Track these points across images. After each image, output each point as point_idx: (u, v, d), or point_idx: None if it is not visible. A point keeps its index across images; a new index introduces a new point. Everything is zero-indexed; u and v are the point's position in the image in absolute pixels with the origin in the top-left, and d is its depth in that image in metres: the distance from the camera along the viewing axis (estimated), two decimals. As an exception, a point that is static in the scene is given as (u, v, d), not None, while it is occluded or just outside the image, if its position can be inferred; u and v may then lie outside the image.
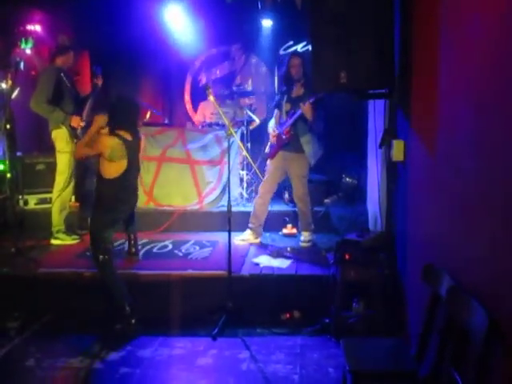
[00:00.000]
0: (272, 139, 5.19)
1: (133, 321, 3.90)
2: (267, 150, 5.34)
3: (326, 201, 6.05)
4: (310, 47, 6.90)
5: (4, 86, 6.06)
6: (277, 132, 5.12)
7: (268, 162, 5.29)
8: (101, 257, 3.88)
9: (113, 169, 3.91)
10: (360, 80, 3.47)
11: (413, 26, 3.42)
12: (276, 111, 5.32)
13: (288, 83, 5.11)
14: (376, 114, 4.19)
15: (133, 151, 4.04)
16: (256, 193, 5.37)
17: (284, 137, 5.03)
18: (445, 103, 2.74)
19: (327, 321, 3.91)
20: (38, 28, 6.63)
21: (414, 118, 3.41)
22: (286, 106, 5.11)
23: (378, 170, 4.31)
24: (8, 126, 5.06)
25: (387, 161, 3.98)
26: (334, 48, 3.50)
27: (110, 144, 3.87)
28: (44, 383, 3.39)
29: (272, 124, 5.30)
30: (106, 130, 4.04)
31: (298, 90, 5.08)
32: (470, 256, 2.28)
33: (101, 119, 4.06)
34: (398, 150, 3.66)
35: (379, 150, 4.22)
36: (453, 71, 2.61)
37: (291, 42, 7.25)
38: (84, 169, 5.52)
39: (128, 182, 4.05)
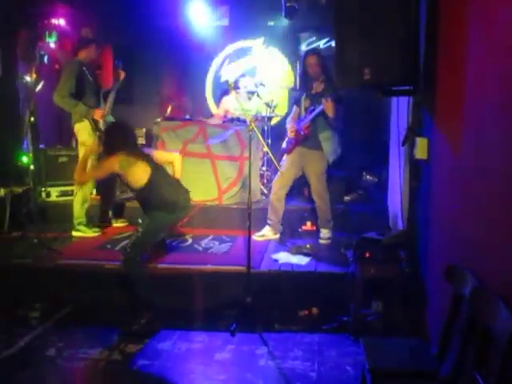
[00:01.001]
0: (290, 133, 5.15)
1: (152, 320, 3.90)
2: (284, 145, 5.31)
3: (346, 198, 6.02)
4: (332, 43, 6.93)
5: (28, 79, 6.16)
6: (295, 127, 5.10)
7: (284, 157, 5.26)
8: (136, 257, 3.92)
9: (137, 176, 3.96)
10: (384, 76, 3.42)
11: (439, 22, 3.37)
12: (295, 108, 5.29)
13: (306, 81, 5.08)
14: (399, 111, 4.15)
15: (143, 156, 4.06)
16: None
17: (303, 133, 5.00)
18: (471, 101, 2.70)
19: (345, 319, 3.89)
20: (61, 22, 6.71)
21: (438, 116, 3.36)
22: (305, 103, 5.09)
23: (400, 167, 4.27)
24: (32, 119, 5.14)
25: (410, 159, 3.94)
26: (357, 44, 3.46)
27: (115, 160, 3.92)
28: (64, 373, 3.44)
29: (289, 121, 5.27)
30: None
31: (317, 87, 5.05)
32: (494, 257, 2.25)
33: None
34: (421, 147, 3.61)
35: (402, 147, 4.18)
36: (480, 68, 2.57)
37: (314, 38, 7.21)
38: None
39: (164, 183, 4.08)
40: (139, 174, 3.96)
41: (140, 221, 4.07)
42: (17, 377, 3.33)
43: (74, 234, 5.30)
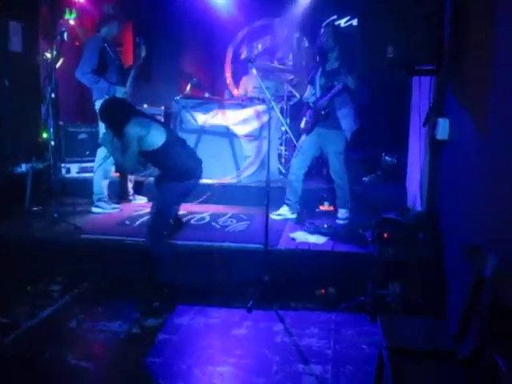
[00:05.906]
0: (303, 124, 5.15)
1: (171, 297, 3.95)
2: (302, 125, 5.27)
3: (365, 179, 5.99)
4: (353, 22, 6.83)
5: (49, 55, 6.17)
6: (314, 107, 5.05)
7: (303, 137, 5.23)
8: (160, 232, 3.91)
9: (154, 138, 3.88)
10: (407, 55, 3.38)
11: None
12: (309, 87, 5.22)
13: (322, 56, 5.02)
14: (421, 92, 4.10)
15: (155, 119, 4.07)
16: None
17: (323, 112, 4.96)
18: (499, 81, 2.64)
19: (362, 299, 3.90)
20: (81, -1, 6.69)
21: (462, 96, 3.31)
22: (320, 80, 5.03)
23: (420, 148, 4.23)
24: (53, 95, 5.15)
25: (431, 139, 3.90)
26: (381, 21, 3.42)
27: (133, 128, 3.83)
28: (85, 344, 3.51)
29: (306, 96, 5.22)
30: None
31: (332, 63, 4.98)
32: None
33: None
34: (443, 128, 3.57)
35: (422, 128, 4.13)
36: (510, 45, 2.51)
37: (335, 17, 7.11)
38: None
39: (180, 147, 4.07)
40: (155, 136, 3.89)
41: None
42: (39, 347, 3.41)
43: (94, 209, 5.34)
